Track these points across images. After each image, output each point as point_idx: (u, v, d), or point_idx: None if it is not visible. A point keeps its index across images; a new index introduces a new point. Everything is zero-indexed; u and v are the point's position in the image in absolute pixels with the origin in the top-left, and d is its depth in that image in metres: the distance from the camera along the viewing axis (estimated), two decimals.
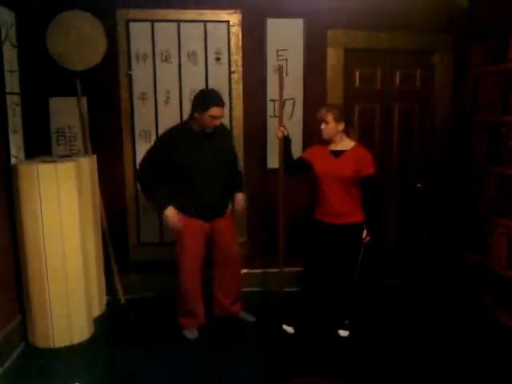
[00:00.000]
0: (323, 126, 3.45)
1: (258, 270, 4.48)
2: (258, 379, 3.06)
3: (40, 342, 3.51)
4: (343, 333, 3.64)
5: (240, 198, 3.73)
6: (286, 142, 3.57)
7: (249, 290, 4.38)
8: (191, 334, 3.63)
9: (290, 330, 3.68)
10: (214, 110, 3.32)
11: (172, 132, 3.50)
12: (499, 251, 3.91)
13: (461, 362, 3.31)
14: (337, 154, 3.49)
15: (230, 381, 3.08)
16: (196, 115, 3.38)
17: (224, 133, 3.64)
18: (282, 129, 3.53)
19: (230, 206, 3.75)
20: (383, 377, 3.11)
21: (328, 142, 3.50)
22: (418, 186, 4.55)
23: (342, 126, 3.46)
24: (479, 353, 3.42)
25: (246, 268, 4.38)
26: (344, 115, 3.49)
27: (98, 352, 3.49)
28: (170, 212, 3.42)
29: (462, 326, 3.83)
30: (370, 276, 4.29)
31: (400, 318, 3.96)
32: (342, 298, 3.66)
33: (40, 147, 4.00)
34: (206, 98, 3.39)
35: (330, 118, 3.41)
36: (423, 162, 4.57)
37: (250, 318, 3.87)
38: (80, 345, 3.55)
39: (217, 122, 3.38)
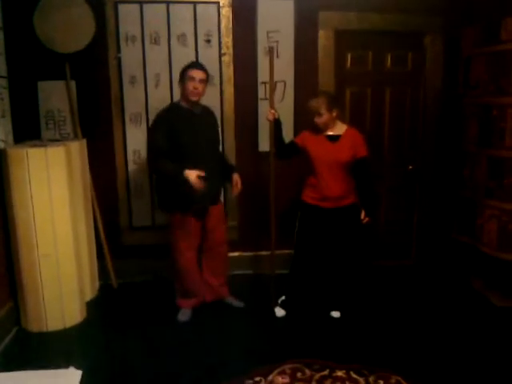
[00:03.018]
0: (317, 118, 3.43)
1: (250, 253, 4.49)
2: (250, 361, 3.08)
3: (33, 327, 3.52)
4: (335, 314, 3.67)
5: (237, 178, 3.63)
6: (276, 125, 3.55)
7: (241, 272, 4.40)
8: (184, 315, 3.66)
9: (281, 312, 3.71)
10: (191, 72, 3.36)
11: (164, 113, 3.47)
12: (489, 233, 3.93)
13: (452, 340, 3.35)
14: (333, 138, 3.48)
15: (223, 363, 3.10)
16: (180, 87, 3.44)
17: (210, 114, 3.65)
18: (272, 111, 3.51)
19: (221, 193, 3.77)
20: (376, 356, 3.14)
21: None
22: (410, 168, 4.56)
23: (335, 113, 3.45)
24: (471, 332, 3.47)
25: (237, 251, 4.42)
26: (335, 101, 3.48)
27: (90, 335, 3.50)
28: (189, 173, 3.23)
29: (453, 307, 3.87)
30: (366, 257, 4.32)
31: (391, 299, 3.99)
32: (336, 280, 3.68)
33: (29, 131, 3.96)
34: (185, 66, 3.45)
35: (322, 109, 3.39)
36: (415, 144, 4.57)
37: (238, 304, 3.86)
38: (73, 328, 3.56)
39: (197, 85, 3.35)
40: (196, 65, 3.48)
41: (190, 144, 3.36)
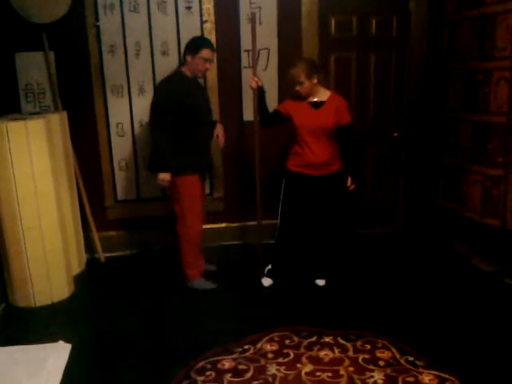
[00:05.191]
0: (298, 87, 3.39)
1: (236, 224, 4.50)
2: (239, 330, 3.11)
3: (20, 302, 3.52)
4: (320, 282, 3.70)
5: (218, 129, 3.66)
6: (260, 93, 3.50)
7: (228, 243, 4.42)
8: (207, 283, 3.69)
9: (268, 281, 3.73)
10: (206, 52, 3.39)
11: (170, 80, 3.48)
12: (474, 198, 3.96)
13: (438, 304, 3.40)
14: (316, 105, 3.44)
15: (212, 332, 3.12)
16: (188, 59, 3.41)
17: (204, 88, 3.76)
18: (255, 79, 3.46)
19: None
20: (363, 321, 3.18)
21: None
22: (395, 135, 4.55)
23: (315, 80, 3.41)
24: (456, 295, 3.52)
25: (224, 222, 4.41)
26: (314, 67, 3.43)
27: (78, 309, 3.51)
28: (166, 177, 3.41)
29: (438, 272, 3.93)
30: (350, 225, 4.34)
31: (378, 266, 4.04)
32: (321, 248, 3.71)
33: (8, 105, 3.90)
34: (198, 41, 3.51)
35: (302, 77, 3.35)
36: (400, 110, 4.55)
37: (212, 268, 3.95)
38: (60, 303, 3.56)
39: (208, 66, 3.45)
40: (211, 45, 3.49)
41: (198, 110, 3.44)
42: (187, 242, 3.59)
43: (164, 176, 3.42)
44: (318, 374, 2.67)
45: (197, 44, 3.43)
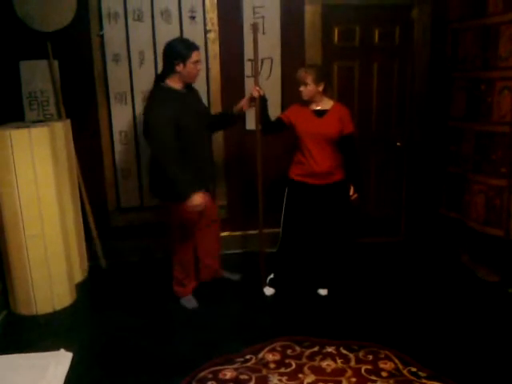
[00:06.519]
0: (302, 88, 3.41)
1: (239, 232, 4.49)
2: (241, 339, 3.10)
3: (22, 310, 3.51)
4: (323, 291, 3.69)
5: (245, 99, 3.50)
6: (262, 102, 3.50)
7: (230, 252, 4.41)
8: (191, 303, 3.58)
9: (270, 291, 3.72)
10: (196, 54, 3.19)
11: (160, 99, 3.19)
12: (477, 208, 3.95)
13: (441, 315, 3.38)
14: (320, 113, 3.45)
15: (214, 341, 3.11)
16: (178, 69, 3.16)
17: (194, 90, 3.51)
18: (257, 88, 3.47)
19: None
20: (366, 332, 3.16)
21: (307, 102, 3.46)
22: (398, 144, 4.54)
23: (321, 87, 3.42)
24: (459, 306, 3.50)
25: (226, 230, 4.41)
26: (322, 75, 3.45)
27: (80, 317, 3.51)
28: (198, 198, 3.18)
29: (441, 282, 3.91)
30: (352, 234, 4.34)
31: (381, 276, 4.02)
32: (324, 257, 3.70)
33: (12, 113, 3.91)
34: (183, 46, 3.20)
35: (309, 79, 3.37)
36: (403, 119, 4.55)
37: (236, 277, 3.94)
38: (63, 311, 3.55)
39: (200, 68, 3.28)
40: (197, 46, 3.23)
41: (188, 127, 3.21)
42: (178, 262, 3.55)
43: (196, 199, 3.18)
44: None
45: (184, 50, 3.16)
